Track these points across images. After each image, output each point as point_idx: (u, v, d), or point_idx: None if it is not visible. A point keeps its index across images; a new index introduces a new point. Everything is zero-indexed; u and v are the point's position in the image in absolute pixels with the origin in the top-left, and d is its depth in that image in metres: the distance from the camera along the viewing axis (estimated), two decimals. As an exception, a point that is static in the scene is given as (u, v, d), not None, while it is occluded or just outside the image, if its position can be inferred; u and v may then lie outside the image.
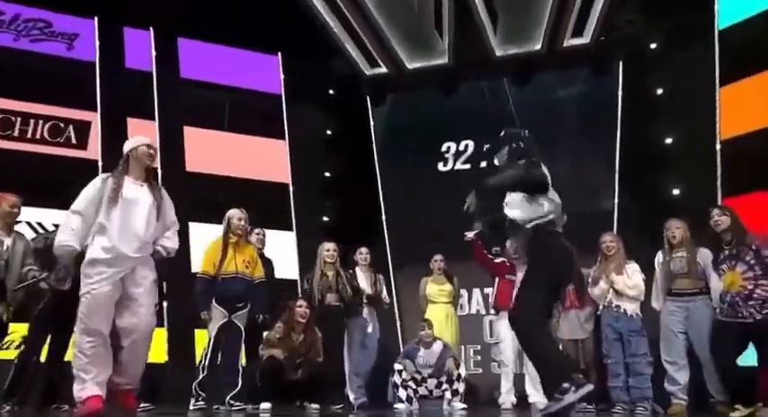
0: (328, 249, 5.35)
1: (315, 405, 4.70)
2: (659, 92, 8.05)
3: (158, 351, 7.35)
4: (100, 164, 8.15)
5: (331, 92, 9.34)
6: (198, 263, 5.13)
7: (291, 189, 8.92)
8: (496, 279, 5.43)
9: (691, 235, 4.87)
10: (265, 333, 4.90)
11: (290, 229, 8.67)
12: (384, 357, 6.28)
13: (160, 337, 7.62)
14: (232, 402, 4.38)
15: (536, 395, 5.11)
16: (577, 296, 5.15)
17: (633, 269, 4.88)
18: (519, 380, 5.25)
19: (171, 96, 8.67)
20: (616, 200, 8.21)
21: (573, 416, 2.98)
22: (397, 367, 5.21)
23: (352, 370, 5.33)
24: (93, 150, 8.30)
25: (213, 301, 4.58)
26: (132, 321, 3.32)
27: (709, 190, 7.38)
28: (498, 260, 5.54)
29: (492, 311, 7.21)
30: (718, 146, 7.33)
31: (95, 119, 8.38)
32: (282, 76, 9.17)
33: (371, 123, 9.58)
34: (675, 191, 7.73)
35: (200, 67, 8.87)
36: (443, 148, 9.22)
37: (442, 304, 5.78)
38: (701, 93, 7.54)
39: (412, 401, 5.11)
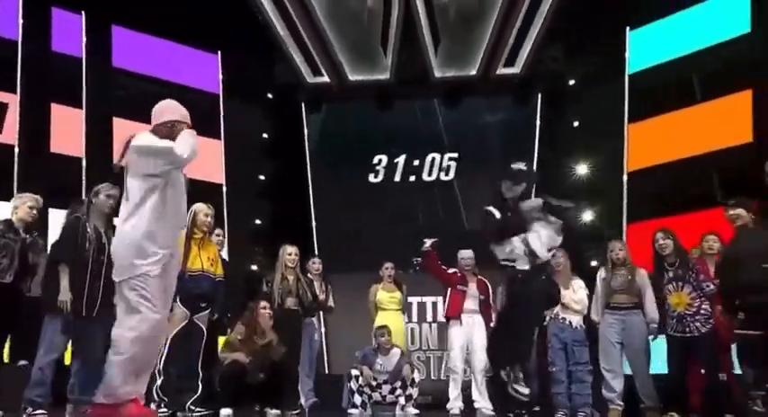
0: (290, 253, 5.03)
1: (275, 411, 4.35)
2: (575, 124, 8.46)
3: None
4: (16, 149, 7.22)
5: (270, 95, 8.95)
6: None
7: (225, 189, 8.38)
8: (448, 290, 5.36)
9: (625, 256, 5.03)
10: (225, 336, 4.47)
11: (221, 227, 8.12)
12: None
13: None
14: (193, 407, 3.93)
15: (482, 401, 5.09)
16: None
17: (578, 285, 5.02)
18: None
19: (100, 85, 7.87)
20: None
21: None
22: (354, 372, 4.97)
23: (305, 373, 5.04)
24: (10, 134, 7.31)
25: (177, 300, 4.07)
26: None
27: (615, 215, 7.83)
28: (451, 270, 5.47)
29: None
30: (624, 177, 7.78)
31: (14, 101, 7.39)
32: (221, 76, 8.64)
33: (305, 130, 9.28)
34: (586, 215, 8.12)
35: (135, 58, 8.15)
36: (375, 161, 9.14)
37: (392, 311, 5.62)
38: (611, 128, 8.03)
39: (366, 406, 4.90)
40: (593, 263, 6.77)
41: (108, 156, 7.68)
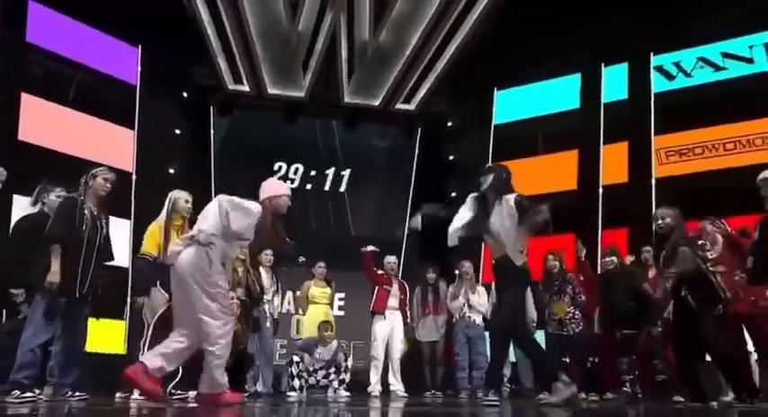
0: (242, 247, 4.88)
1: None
2: (450, 158, 9.30)
3: (117, 343, 6.74)
4: None
5: (185, 94, 8.38)
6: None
7: (134, 178, 7.67)
8: (376, 288, 5.63)
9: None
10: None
11: (128, 217, 7.43)
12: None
13: (120, 329, 6.83)
14: (174, 391, 3.69)
15: (396, 384, 5.43)
16: (435, 304, 5.67)
17: (482, 290, 5.62)
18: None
19: (11, 58, 6.75)
20: (405, 232, 9.10)
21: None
22: (295, 358, 5.00)
23: (262, 361, 4.96)
24: None
25: (157, 285, 3.79)
26: None
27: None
28: (379, 272, 5.74)
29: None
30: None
31: None
32: (140, 69, 7.92)
33: (212, 131, 8.89)
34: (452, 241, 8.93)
35: (50, 36, 7.25)
36: (276, 167, 9.15)
37: (322, 304, 5.72)
38: (478, 164, 8.89)
39: (303, 390, 4.94)
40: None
41: (12, 131, 6.64)
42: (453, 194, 9.36)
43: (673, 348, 4.07)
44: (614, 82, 8.78)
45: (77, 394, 3.55)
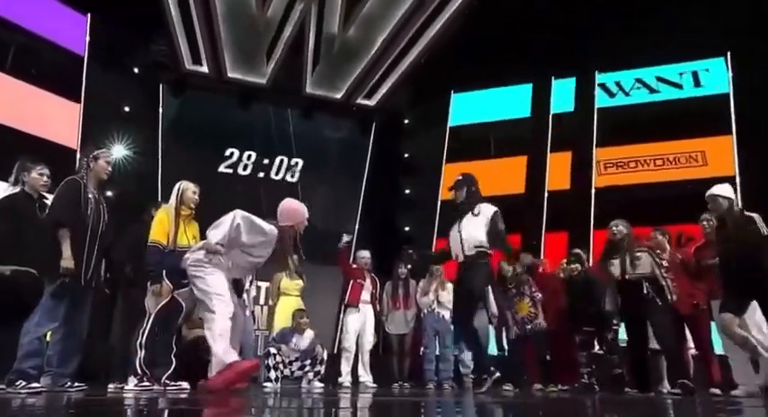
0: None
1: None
2: (405, 155, 9.67)
3: None
4: None
5: (136, 70, 8.05)
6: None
7: (78, 156, 7.28)
8: (351, 282, 5.82)
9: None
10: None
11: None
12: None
13: None
14: (168, 382, 3.72)
15: (365, 376, 5.69)
16: (405, 299, 5.98)
17: (450, 287, 5.97)
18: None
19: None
20: (357, 226, 9.37)
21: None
22: (272, 350, 5.09)
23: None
24: None
25: (163, 274, 3.80)
26: None
27: (429, 232, 9.22)
28: (353, 265, 5.94)
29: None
30: (438, 203, 9.23)
31: None
32: (88, 38, 7.49)
33: (160, 110, 8.60)
34: (406, 228, 9.34)
35: None
36: (227, 153, 9.02)
37: (293, 296, 5.82)
38: (433, 163, 9.41)
39: (278, 381, 5.07)
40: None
41: None
42: (407, 191, 9.78)
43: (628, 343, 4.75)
44: (563, 94, 9.53)
45: (76, 384, 3.47)
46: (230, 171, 8.98)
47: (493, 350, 5.86)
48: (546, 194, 8.94)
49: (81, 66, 7.43)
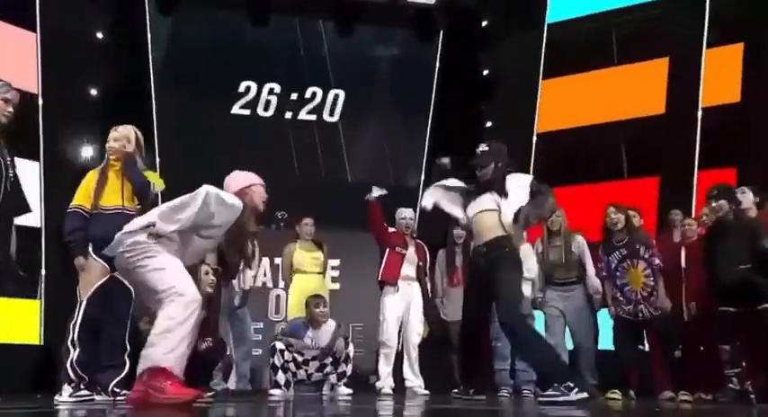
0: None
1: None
2: (484, 72, 9.07)
3: (31, 331, 6.60)
4: None
5: (107, -18, 8.05)
6: None
7: (41, 102, 7.47)
8: (386, 251, 5.55)
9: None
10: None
11: (36, 158, 7.27)
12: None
13: (33, 312, 6.68)
14: (117, 389, 3.70)
15: (414, 380, 5.43)
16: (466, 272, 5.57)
17: (526, 250, 5.48)
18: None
19: None
20: (422, 178, 8.97)
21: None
22: (279, 346, 4.95)
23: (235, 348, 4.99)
24: None
25: (90, 250, 3.76)
26: None
27: (521, 180, 8.65)
28: (391, 229, 5.66)
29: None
30: (534, 138, 8.60)
31: None
32: (38, -58, 7.51)
33: (149, 35, 8.60)
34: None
35: None
36: (241, 88, 8.80)
37: (314, 274, 5.68)
38: (524, 82, 8.72)
39: (290, 386, 4.95)
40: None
41: None
42: (488, 123, 9.20)
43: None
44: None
45: None
46: (247, 112, 8.71)
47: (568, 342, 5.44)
48: (700, 112, 7.96)
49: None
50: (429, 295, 5.67)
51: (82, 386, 3.61)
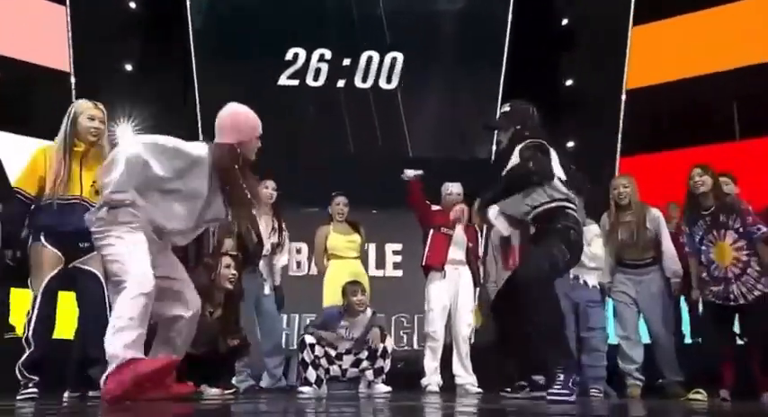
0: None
1: (214, 390, 4.38)
2: (564, 22, 8.79)
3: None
4: None
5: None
6: None
7: (73, 81, 7.86)
8: (430, 232, 5.50)
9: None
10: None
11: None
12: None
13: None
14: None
15: (466, 377, 5.35)
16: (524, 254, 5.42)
17: (592, 233, 5.19)
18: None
19: None
20: (493, 148, 8.79)
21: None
22: (309, 340, 4.95)
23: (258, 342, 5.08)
24: None
25: (41, 238, 3.85)
26: None
27: (607, 146, 8.37)
28: (435, 207, 5.60)
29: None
30: (623, 97, 8.27)
31: None
32: None
33: (188, 3, 8.86)
34: (569, 144, 8.60)
35: None
36: (289, 56, 8.88)
37: (350, 260, 5.67)
38: (611, 30, 8.36)
39: (321, 384, 5.00)
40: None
41: None
42: (569, 81, 8.93)
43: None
44: None
45: None
46: (295, 82, 8.77)
47: (644, 337, 5.11)
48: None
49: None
50: (481, 280, 5.57)
51: (31, 386, 3.73)
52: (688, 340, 5.99)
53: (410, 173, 5.38)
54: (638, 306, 5.15)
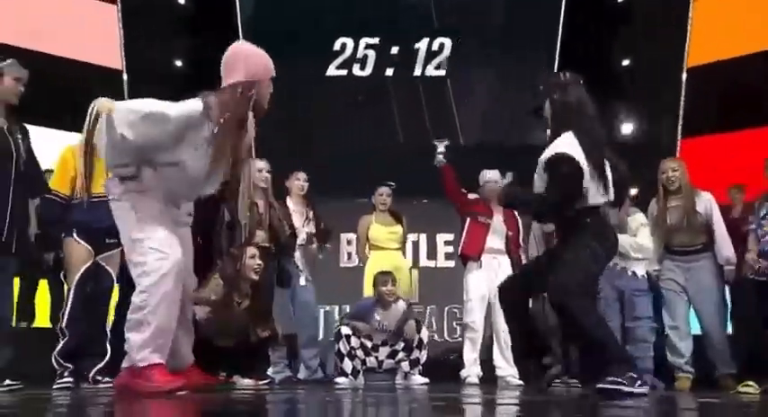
0: (261, 169, 4.90)
1: (247, 381, 4.40)
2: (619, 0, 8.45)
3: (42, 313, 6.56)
4: None
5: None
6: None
7: (125, 78, 8.01)
8: (467, 221, 5.38)
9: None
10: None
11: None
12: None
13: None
14: (99, 378, 3.93)
15: (507, 368, 5.23)
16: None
17: (638, 222, 4.96)
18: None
19: None
20: (548, 132, 8.52)
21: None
22: (345, 331, 4.96)
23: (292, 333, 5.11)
24: None
25: (73, 234, 3.98)
26: None
27: (668, 128, 8.01)
28: (472, 196, 5.49)
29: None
30: (684, 75, 7.87)
31: None
32: None
33: (237, -1, 8.90)
34: (627, 128, 8.27)
35: None
36: (337, 46, 8.83)
37: (392, 251, 5.63)
38: (669, 6, 8.00)
39: (358, 375, 4.99)
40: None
41: None
42: (625, 61, 8.57)
43: None
44: None
45: (7, 382, 3.64)
46: (343, 72, 8.72)
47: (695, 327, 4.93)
48: None
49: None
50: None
51: (66, 374, 3.84)
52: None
53: (440, 146, 5.21)
54: (688, 294, 4.88)
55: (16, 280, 4.83)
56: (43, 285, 5.95)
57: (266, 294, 4.65)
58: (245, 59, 3.28)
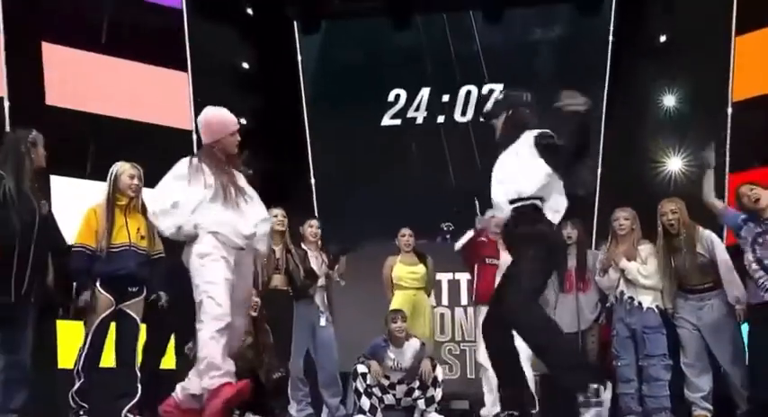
0: (276, 215, 5.15)
1: (256, 418, 4.60)
2: (662, 39, 8.33)
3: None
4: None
5: (249, 11, 8.93)
6: (69, 231, 4.78)
7: (195, 138, 8.51)
8: (476, 266, 5.42)
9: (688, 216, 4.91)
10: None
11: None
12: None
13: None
14: (130, 415, 4.19)
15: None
16: (579, 276, 5.19)
17: (648, 251, 4.94)
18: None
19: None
20: (599, 172, 8.44)
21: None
22: (361, 369, 5.10)
23: (297, 374, 5.20)
24: None
25: (97, 284, 4.23)
26: None
27: (716, 162, 7.74)
28: (480, 238, 5.47)
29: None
30: (729, 110, 7.65)
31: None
32: (183, -17, 8.58)
33: (299, 57, 9.37)
34: (675, 164, 8.09)
35: None
36: (391, 97, 9.14)
37: (414, 290, 5.73)
38: (712, 42, 7.79)
39: (376, 412, 5.09)
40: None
41: (38, 94, 7.64)
42: (670, 99, 8.40)
43: None
44: None
45: None
46: (398, 121, 9.03)
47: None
48: None
49: (180, 21, 8.06)
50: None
51: (81, 413, 4.06)
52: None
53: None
54: (702, 333, 4.79)
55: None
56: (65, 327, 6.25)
57: (265, 330, 4.84)
58: (207, 126, 3.86)
